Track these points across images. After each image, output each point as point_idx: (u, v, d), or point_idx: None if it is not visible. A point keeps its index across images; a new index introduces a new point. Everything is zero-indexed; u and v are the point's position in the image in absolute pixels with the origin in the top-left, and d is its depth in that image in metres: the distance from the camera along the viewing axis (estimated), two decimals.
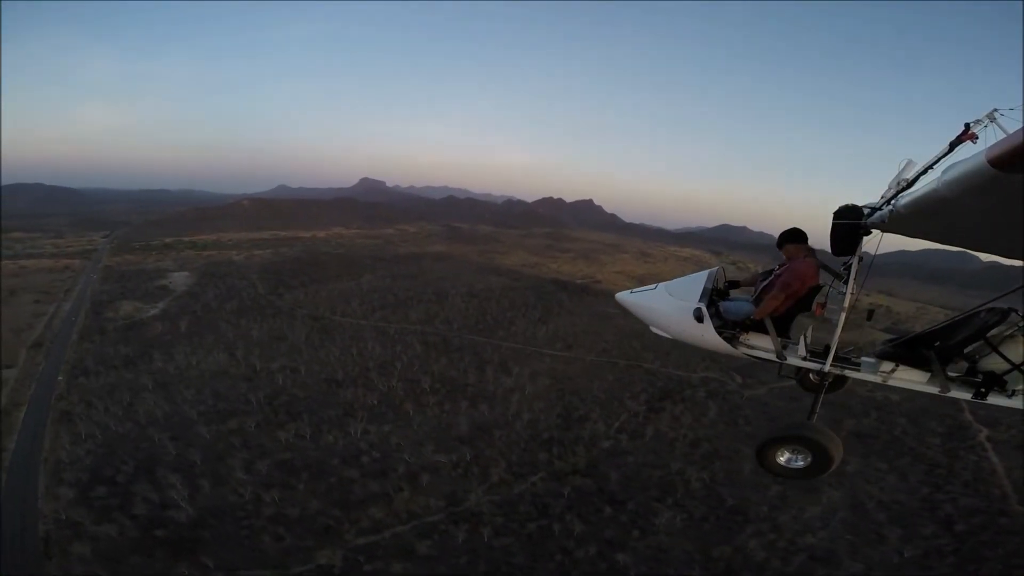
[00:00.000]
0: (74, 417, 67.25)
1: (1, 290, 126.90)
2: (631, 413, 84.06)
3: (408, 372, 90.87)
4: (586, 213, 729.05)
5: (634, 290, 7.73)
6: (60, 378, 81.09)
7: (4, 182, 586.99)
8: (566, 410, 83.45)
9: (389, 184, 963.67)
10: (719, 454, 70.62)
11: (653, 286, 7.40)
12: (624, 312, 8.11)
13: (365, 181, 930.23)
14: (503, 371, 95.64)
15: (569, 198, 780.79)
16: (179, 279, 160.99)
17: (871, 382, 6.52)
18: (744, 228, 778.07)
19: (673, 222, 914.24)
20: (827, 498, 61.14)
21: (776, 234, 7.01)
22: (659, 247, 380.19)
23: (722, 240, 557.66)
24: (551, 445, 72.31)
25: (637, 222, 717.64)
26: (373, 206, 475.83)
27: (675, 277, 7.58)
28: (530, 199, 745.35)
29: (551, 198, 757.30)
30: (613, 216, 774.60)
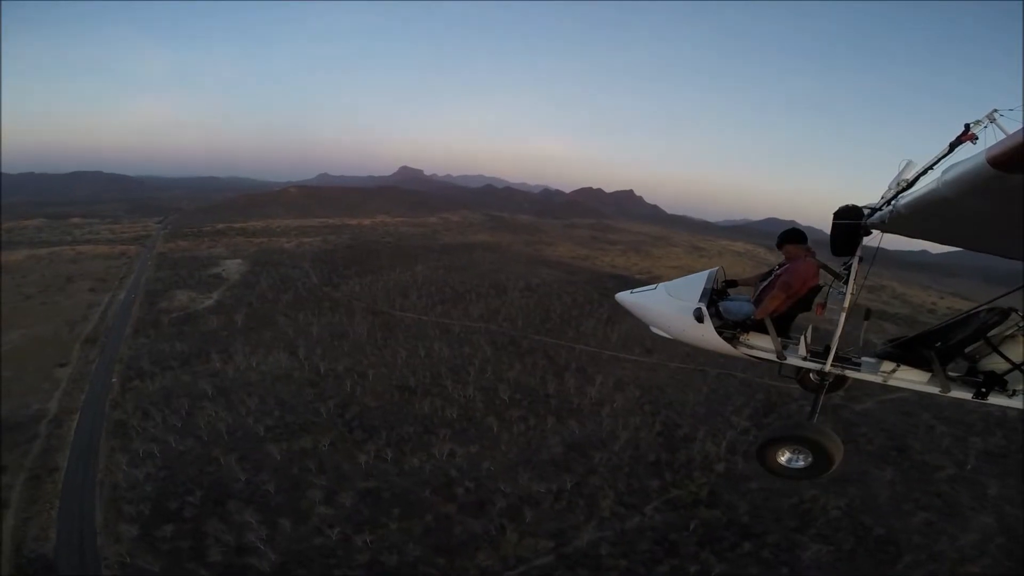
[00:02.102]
0: (130, 429, 60.93)
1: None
2: (738, 430, 74.36)
3: (482, 379, 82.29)
4: (627, 204, 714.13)
5: (634, 290, 7.40)
6: (114, 380, 75.38)
7: (64, 171, 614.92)
8: (666, 427, 73.64)
9: (427, 173, 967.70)
10: (849, 478, 62.48)
11: (653, 286, 7.17)
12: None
13: (404, 170, 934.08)
14: (584, 379, 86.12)
15: (609, 188, 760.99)
16: (232, 267, 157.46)
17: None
18: (793, 223, 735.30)
19: (716, 215, 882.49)
20: (976, 523, 56.29)
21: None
22: (709, 240, 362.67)
23: (772, 234, 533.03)
24: (660, 469, 63.03)
25: (680, 214, 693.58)
26: (414, 194, 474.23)
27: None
28: (567, 189, 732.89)
29: (590, 188, 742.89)
30: (655, 207, 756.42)
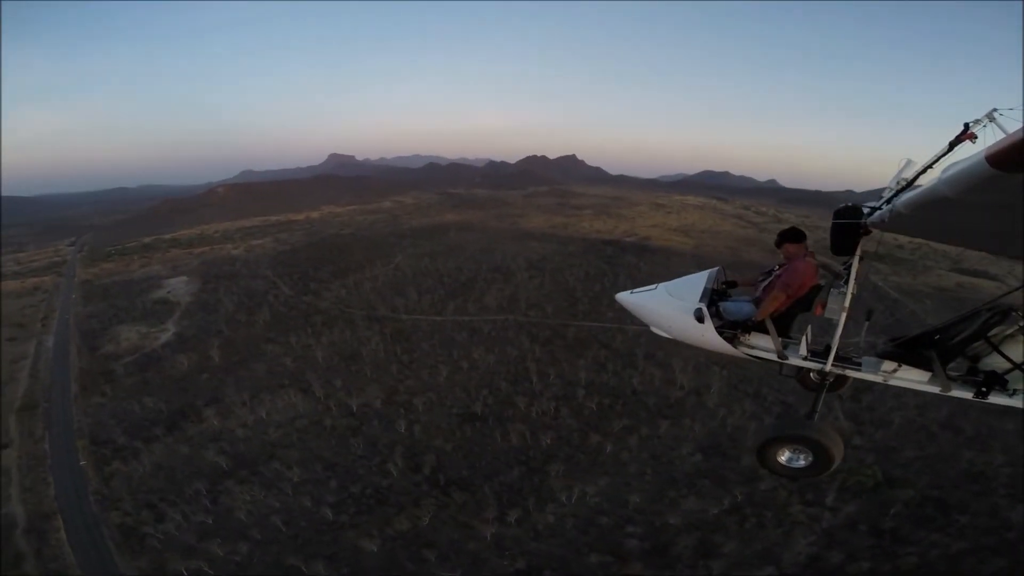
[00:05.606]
0: (147, 539, 41.88)
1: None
2: (845, 398, 66.29)
3: (552, 386, 68.05)
4: (572, 168, 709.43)
5: (634, 290, 7.30)
6: (83, 463, 54.57)
7: None
8: (784, 409, 63.80)
9: (359, 158, 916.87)
10: (980, 435, 58.28)
11: (653, 286, 7.04)
12: None
13: (334, 157, 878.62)
14: (660, 367, 73.73)
15: (552, 154, 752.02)
16: (178, 286, 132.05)
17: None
18: (727, 173, 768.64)
19: (653, 171, 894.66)
20: None
21: (758, 177, 7.49)
22: (663, 196, 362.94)
23: (713, 185, 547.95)
24: None
25: (622, 173, 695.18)
26: (353, 181, 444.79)
27: (712, 231, 63.77)
28: (512, 159, 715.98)
29: (535, 156, 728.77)
30: (598, 169, 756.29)
